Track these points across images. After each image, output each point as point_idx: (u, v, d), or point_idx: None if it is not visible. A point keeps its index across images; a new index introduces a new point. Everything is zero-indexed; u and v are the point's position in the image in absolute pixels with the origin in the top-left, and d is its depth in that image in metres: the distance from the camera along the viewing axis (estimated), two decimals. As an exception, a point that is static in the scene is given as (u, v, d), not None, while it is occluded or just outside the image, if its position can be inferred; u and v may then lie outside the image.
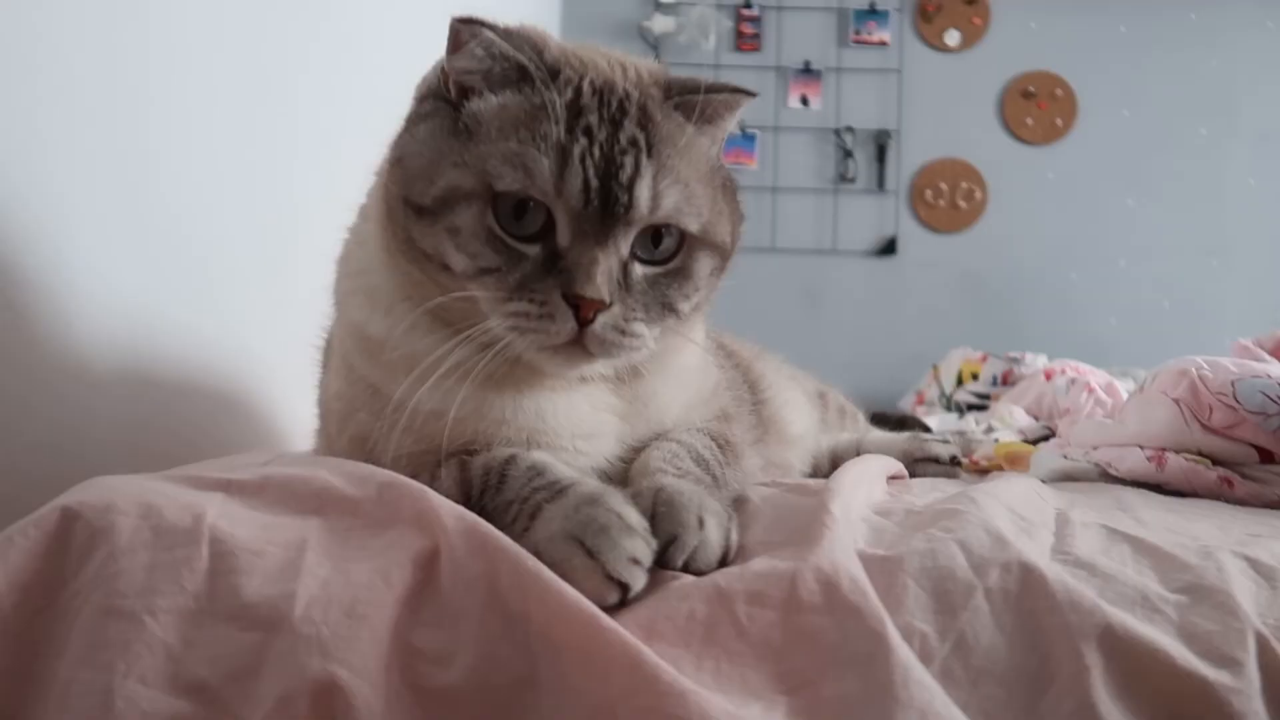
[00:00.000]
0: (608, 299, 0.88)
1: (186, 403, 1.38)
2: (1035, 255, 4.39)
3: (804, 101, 4.32)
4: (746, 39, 4.30)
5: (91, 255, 1.19)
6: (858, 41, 4.35)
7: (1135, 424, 1.42)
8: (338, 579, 0.74)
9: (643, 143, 0.90)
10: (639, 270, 0.93)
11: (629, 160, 0.89)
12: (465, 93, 0.93)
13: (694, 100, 0.95)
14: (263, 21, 1.54)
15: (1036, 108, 4.38)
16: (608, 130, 0.89)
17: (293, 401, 1.44)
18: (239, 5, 1.46)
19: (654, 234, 0.93)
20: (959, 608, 0.78)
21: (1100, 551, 0.90)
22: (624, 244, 0.91)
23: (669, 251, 0.94)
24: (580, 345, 0.89)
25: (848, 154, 4.31)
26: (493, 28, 0.90)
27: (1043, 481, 1.31)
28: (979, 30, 4.36)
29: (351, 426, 1.01)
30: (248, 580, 0.74)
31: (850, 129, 4.31)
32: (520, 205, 0.88)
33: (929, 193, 4.36)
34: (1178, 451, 1.35)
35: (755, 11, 4.31)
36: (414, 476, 0.88)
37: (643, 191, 0.89)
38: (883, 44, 4.36)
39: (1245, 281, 4.36)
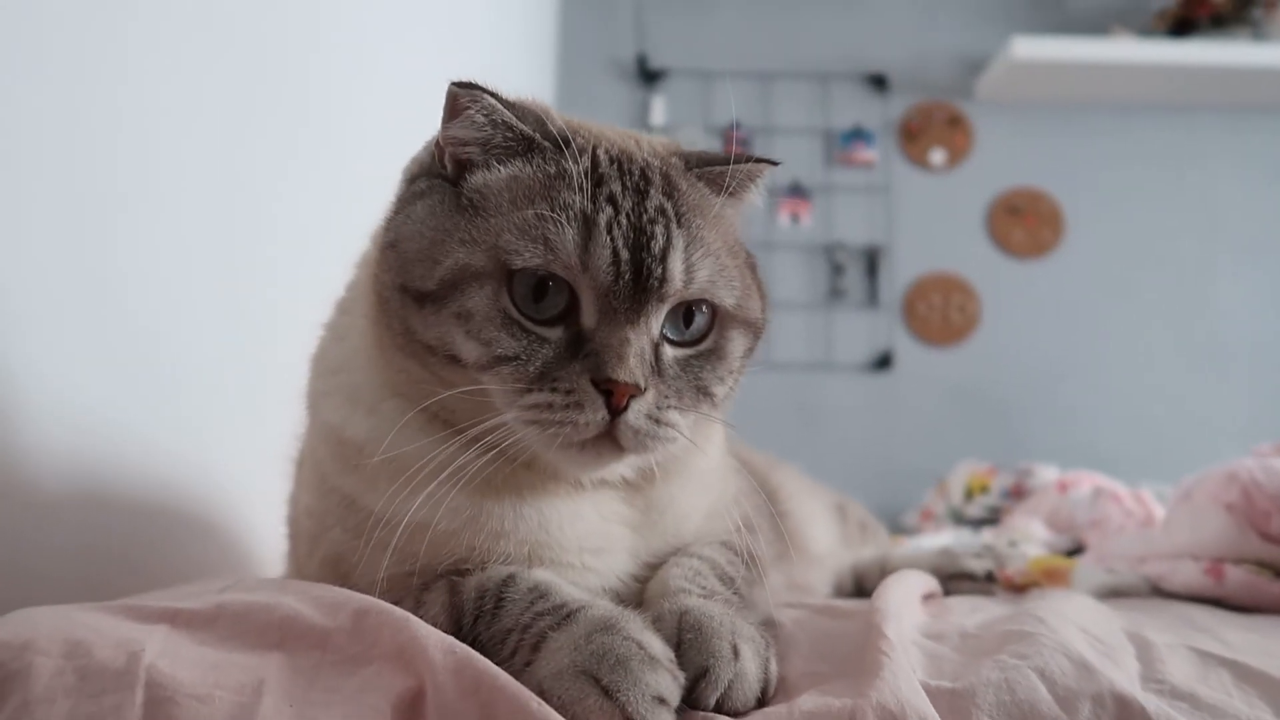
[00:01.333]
0: (642, 384, 0.77)
1: (148, 525, 1.25)
2: (1031, 367, 4.33)
3: (794, 219, 4.33)
4: (734, 159, 4.33)
5: (45, 362, 1.08)
6: (845, 161, 4.41)
7: (1185, 533, 1.31)
8: (300, 730, 0.61)
9: (671, 212, 0.82)
10: (670, 352, 0.83)
11: (659, 230, 0.80)
12: (463, 166, 0.84)
13: (719, 171, 0.87)
14: (240, 117, 1.47)
15: (1023, 223, 4.40)
16: (633, 199, 0.81)
17: (267, 524, 1.31)
18: (214, 97, 1.39)
19: (685, 312, 0.83)
20: (1048, 752, 0.65)
21: (1197, 679, 0.77)
22: (655, 323, 0.81)
23: (701, 331, 0.85)
24: (610, 439, 0.78)
25: (839, 269, 4.30)
26: (494, 94, 0.82)
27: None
28: (963, 149, 4.42)
29: (324, 546, 0.88)
30: (190, 734, 0.60)
31: (841, 245, 4.31)
32: (540, 285, 0.79)
33: (922, 306, 4.33)
34: (1235, 562, 1.23)
35: (743, 133, 4.36)
36: (395, 603, 0.75)
37: (676, 264, 0.80)
38: (869, 164, 4.41)
39: (1243, 389, 4.30)
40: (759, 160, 0.91)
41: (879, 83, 4.42)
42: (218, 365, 1.40)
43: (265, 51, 1.54)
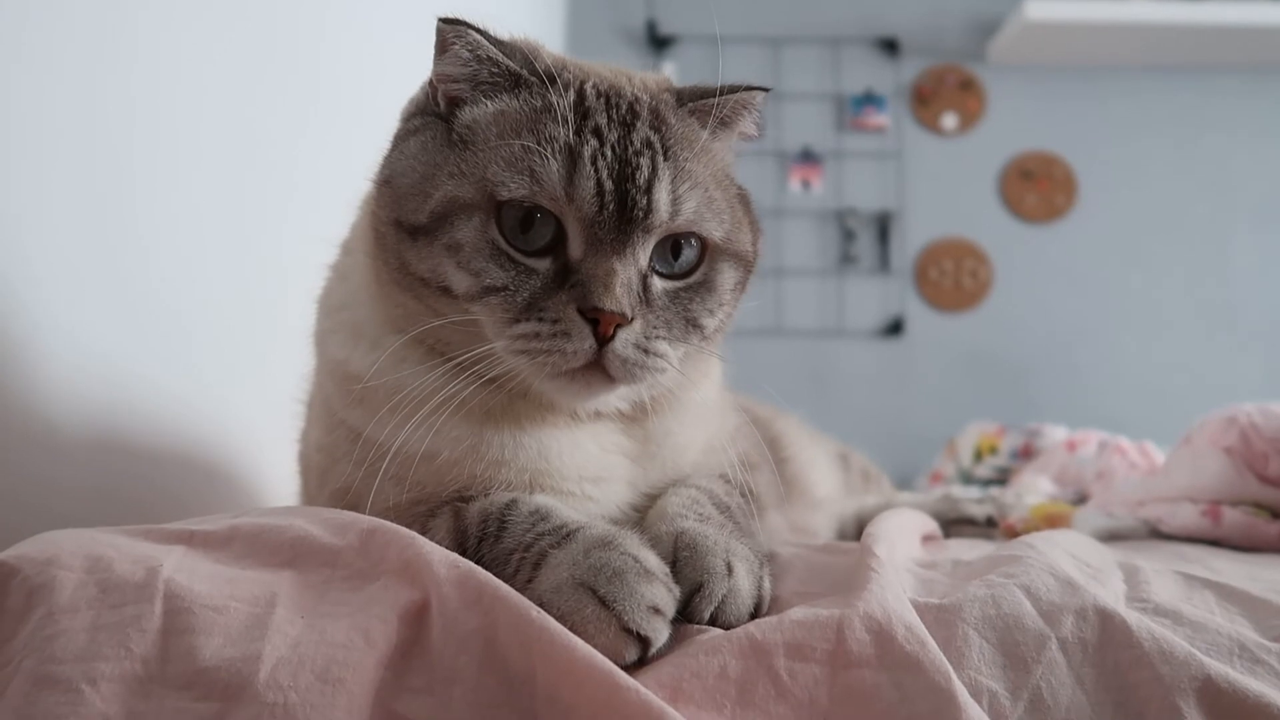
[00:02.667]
0: (629, 313, 0.79)
1: (161, 469, 1.28)
2: (1043, 332, 4.32)
3: (805, 185, 4.32)
4: (745, 125, 4.32)
5: (63, 313, 1.11)
6: (856, 126, 4.38)
7: (1184, 477, 1.32)
8: (311, 638, 0.64)
9: (658, 145, 0.83)
10: (659, 284, 0.84)
11: (644, 162, 0.81)
12: (455, 103, 0.87)
13: (709, 104, 0.88)
14: (252, 79, 1.49)
15: (1036, 187, 4.37)
16: (619, 132, 0.82)
17: (278, 470, 1.34)
18: (227, 62, 1.42)
19: (673, 245, 0.85)
20: (1031, 661, 0.68)
21: (1182, 599, 0.79)
22: (642, 254, 0.83)
23: (690, 264, 0.86)
24: (599, 368, 0.80)
25: (851, 235, 4.29)
26: (480, 30, 0.84)
27: (1089, 541, 1.20)
28: (975, 113, 4.39)
29: (333, 479, 0.91)
30: (206, 641, 0.63)
31: (853, 211, 4.30)
32: (527, 217, 0.80)
33: (933, 272, 4.32)
34: (1233, 504, 1.25)
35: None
36: (403, 528, 0.78)
37: (661, 195, 0.82)
38: (880, 129, 4.39)
39: (1257, 354, 4.28)
40: (749, 89, 0.92)
41: (890, 47, 4.38)
42: (229, 319, 1.43)
43: (277, 15, 1.56)
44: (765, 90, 0.93)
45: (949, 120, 4.39)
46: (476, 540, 0.79)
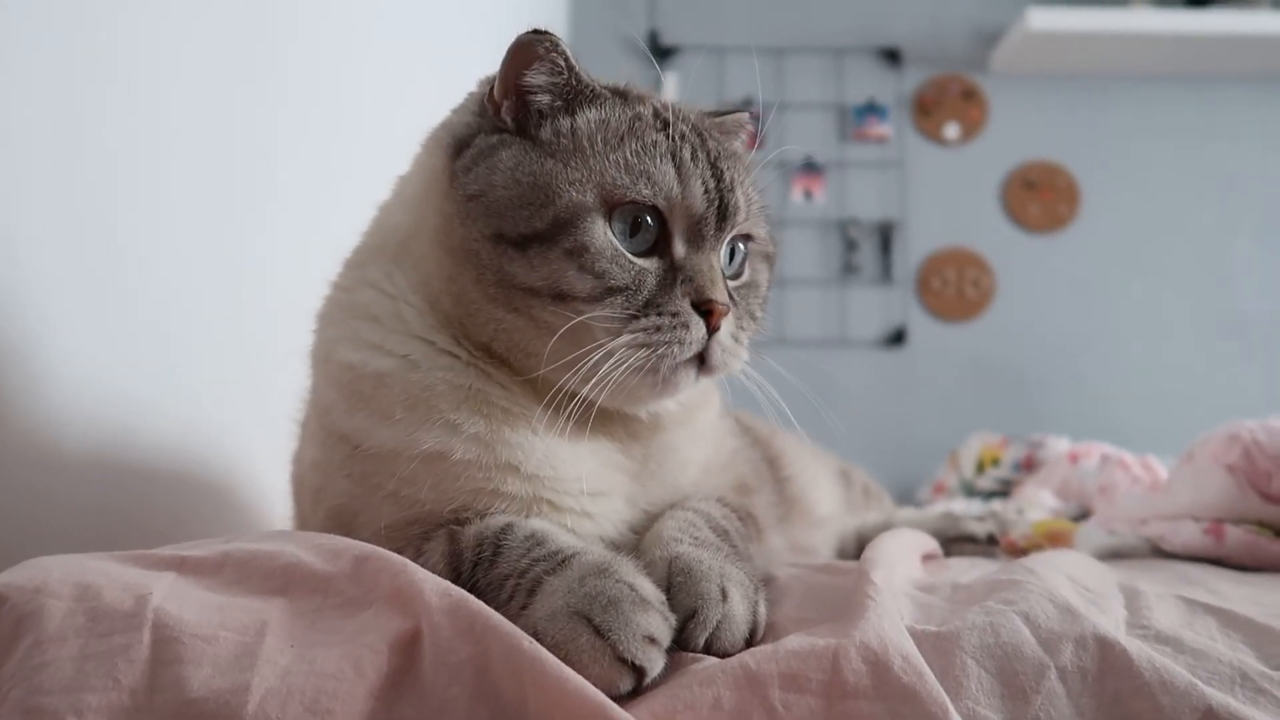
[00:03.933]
0: (730, 305, 0.86)
1: (159, 489, 1.28)
2: (1047, 342, 4.31)
3: (807, 195, 4.32)
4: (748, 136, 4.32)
5: (65, 339, 1.10)
6: (859, 137, 4.38)
7: (1186, 494, 1.31)
8: (300, 668, 0.63)
9: (727, 152, 0.90)
10: (729, 283, 0.91)
11: (726, 166, 0.88)
12: (529, 117, 0.87)
13: (726, 122, 0.98)
14: (233, 96, 1.47)
15: (1039, 197, 4.37)
16: (697, 140, 0.88)
17: (276, 489, 1.33)
18: (209, 76, 1.40)
19: (731, 247, 0.92)
20: (1030, 691, 0.67)
21: (1183, 625, 0.78)
22: (724, 253, 0.90)
23: (741, 264, 0.94)
24: (698, 360, 0.86)
25: (853, 245, 4.28)
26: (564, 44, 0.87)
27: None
28: (977, 123, 4.39)
29: (328, 498, 0.90)
30: (195, 671, 0.63)
31: (855, 220, 4.30)
32: (635, 220, 0.85)
33: (936, 282, 4.32)
34: (1236, 522, 1.24)
35: (757, 109, 4.34)
36: (397, 553, 0.77)
37: (740, 196, 0.89)
38: (883, 138, 4.39)
39: (1261, 364, 4.26)
40: (739, 110, 1.03)
41: (892, 56, 4.39)
42: (221, 338, 1.43)
43: (263, 18, 1.55)
44: (755, 114, 1.04)
45: (951, 130, 4.39)
46: (471, 565, 0.79)
